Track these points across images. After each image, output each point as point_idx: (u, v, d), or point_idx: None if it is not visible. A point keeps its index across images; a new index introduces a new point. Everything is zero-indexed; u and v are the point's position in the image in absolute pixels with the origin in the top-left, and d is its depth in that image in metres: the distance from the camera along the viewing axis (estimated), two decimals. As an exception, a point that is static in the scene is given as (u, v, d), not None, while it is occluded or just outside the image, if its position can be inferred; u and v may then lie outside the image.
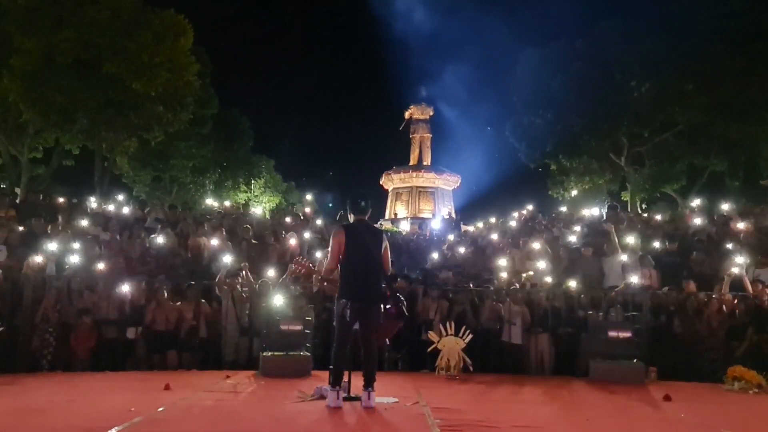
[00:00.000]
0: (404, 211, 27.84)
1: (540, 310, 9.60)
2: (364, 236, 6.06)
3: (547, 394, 7.45)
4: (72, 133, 21.70)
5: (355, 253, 5.99)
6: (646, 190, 26.96)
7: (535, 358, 9.44)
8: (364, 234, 6.08)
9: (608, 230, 11.46)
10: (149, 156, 27.31)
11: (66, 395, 6.35)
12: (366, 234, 6.09)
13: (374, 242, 6.06)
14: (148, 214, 14.24)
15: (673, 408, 6.56)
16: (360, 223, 6.19)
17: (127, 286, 9.20)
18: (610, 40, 24.35)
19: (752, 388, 7.66)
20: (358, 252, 5.99)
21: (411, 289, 9.89)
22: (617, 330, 8.39)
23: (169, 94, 21.58)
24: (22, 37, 19.27)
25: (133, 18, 20.53)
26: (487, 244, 14.18)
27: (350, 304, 5.91)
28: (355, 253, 5.99)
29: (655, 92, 23.88)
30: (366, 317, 5.94)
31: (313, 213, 17.13)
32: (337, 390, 5.87)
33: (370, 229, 6.23)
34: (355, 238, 6.02)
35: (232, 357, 9.25)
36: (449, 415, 5.71)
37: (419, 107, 29.46)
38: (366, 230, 6.14)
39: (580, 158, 26.33)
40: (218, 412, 5.67)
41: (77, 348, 8.69)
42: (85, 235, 11.32)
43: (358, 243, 6.01)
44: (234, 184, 32.33)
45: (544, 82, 26.06)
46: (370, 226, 6.27)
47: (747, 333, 8.94)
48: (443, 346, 8.49)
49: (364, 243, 6.02)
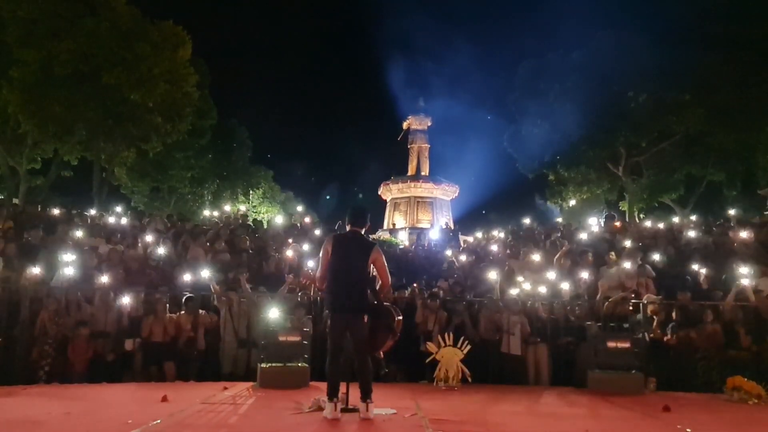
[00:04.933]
0: (402, 221, 27.83)
1: (538, 321, 9.59)
2: (350, 247, 6.10)
3: (545, 404, 7.43)
4: (70, 144, 21.78)
5: (339, 264, 6.04)
6: (643, 199, 27.06)
7: (534, 369, 9.42)
8: (351, 245, 6.12)
9: (609, 239, 11.48)
10: (148, 167, 27.34)
11: (63, 407, 6.31)
12: (353, 245, 6.12)
13: (360, 254, 6.06)
14: (147, 225, 14.22)
15: (672, 418, 6.53)
16: (351, 234, 6.22)
17: (127, 298, 9.19)
18: (607, 50, 24.49)
19: (751, 399, 7.63)
20: (341, 262, 6.04)
21: (409, 300, 9.88)
22: (616, 340, 8.38)
23: (167, 105, 21.67)
24: (21, 48, 19.37)
25: (132, 29, 20.64)
26: (486, 254, 14.18)
27: (332, 315, 6.03)
28: (339, 264, 6.04)
29: (652, 102, 24.02)
30: (351, 328, 5.97)
31: (312, 224, 17.12)
32: (335, 401, 5.85)
33: (360, 240, 6.20)
34: (340, 248, 6.07)
35: (230, 368, 9.22)
36: (448, 426, 5.69)
37: (417, 117, 29.52)
38: (354, 241, 6.16)
39: (578, 168, 26.43)
40: (216, 425, 5.65)
41: (74, 360, 8.65)
42: (83, 247, 11.30)
43: (342, 253, 6.05)
44: (232, 195, 32.36)
45: (542, 92, 26.19)
46: (361, 238, 6.23)
47: (746, 343, 8.91)
48: (442, 357, 8.48)
49: (349, 254, 6.05)
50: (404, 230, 26.30)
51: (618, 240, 13.02)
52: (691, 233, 13.73)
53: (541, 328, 9.52)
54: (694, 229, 14.18)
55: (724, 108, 22.64)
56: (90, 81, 20.15)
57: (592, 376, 8.37)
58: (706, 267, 11.02)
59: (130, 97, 20.42)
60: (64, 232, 12.03)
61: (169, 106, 21.76)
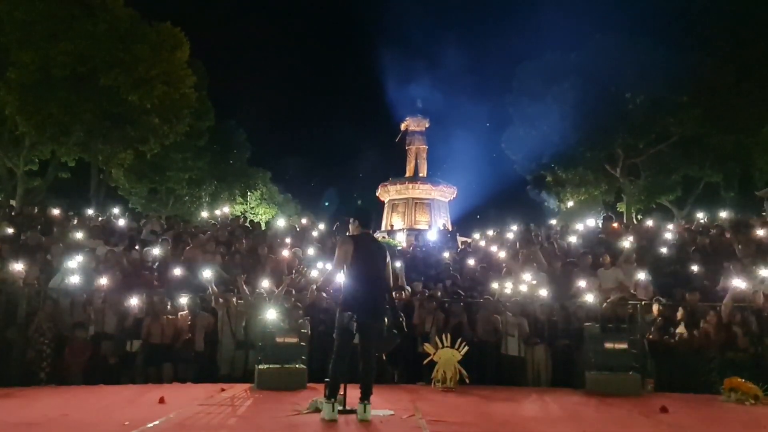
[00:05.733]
0: (400, 222, 27.80)
1: (537, 322, 9.59)
2: (372, 249, 6.07)
3: (544, 405, 7.44)
4: (68, 146, 21.75)
5: (363, 266, 5.95)
6: (641, 201, 27.09)
7: (532, 370, 9.42)
8: (372, 247, 6.10)
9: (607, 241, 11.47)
10: (145, 168, 27.31)
11: (60, 409, 6.30)
12: (373, 247, 6.12)
13: (380, 256, 6.07)
14: (143, 226, 14.20)
15: (669, 419, 6.54)
16: (366, 236, 6.22)
17: (134, 300, 9.20)
18: (604, 52, 24.49)
19: (748, 400, 7.63)
20: (365, 265, 5.96)
21: (407, 302, 9.88)
22: (613, 341, 8.39)
23: (165, 107, 21.64)
24: (19, 49, 19.34)
25: (130, 31, 20.64)
26: (484, 255, 14.17)
27: (355, 317, 5.85)
28: (363, 266, 5.95)
29: (649, 104, 24.04)
30: (369, 331, 5.91)
31: (310, 224, 17.09)
32: (333, 402, 5.83)
33: (376, 242, 6.28)
34: (363, 251, 5.99)
35: (227, 370, 9.20)
36: (445, 427, 5.69)
37: (415, 119, 29.48)
38: (373, 243, 6.18)
39: (576, 170, 26.45)
40: (213, 426, 5.64)
41: (71, 361, 8.64)
42: (81, 248, 11.28)
43: (366, 256, 5.98)
44: (230, 196, 32.32)
45: (540, 94, 26.21)
46: (376, 239, 6.29)
47: (744, 344, 8.91)
48: (439, 359, 8.47)
49: (372, 256, 6.01)
50: (402, 231, 26.27)
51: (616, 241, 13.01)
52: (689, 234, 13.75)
53: (540, 329, 9.52)
54: (692, 230, 14.19)
55: (722, 109, 22.67)
56: (87, 82, 20.13)
57: (590, 377, 8.38)
58: (703, 267, 11.03)
59: (128, 99, 20.40)
60: (61, 234, 12.01)
61: (166, 108, 21.74)
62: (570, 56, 26.35)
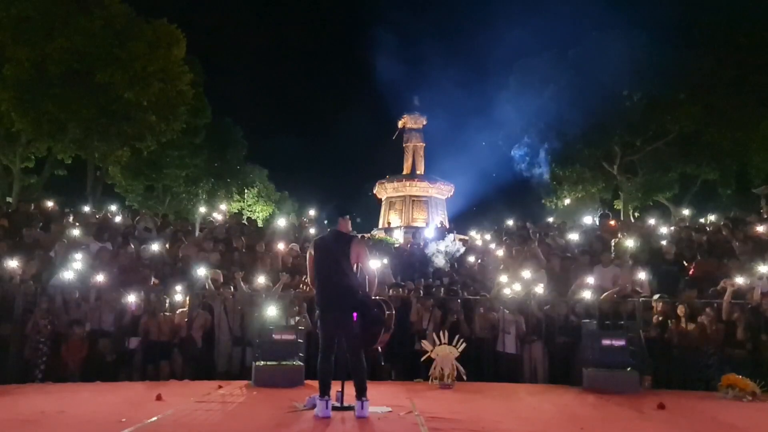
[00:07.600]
0: (398, 220, 27.77)
1: (534, 319, 9.58)
2: (330, 247, 6.19)
3: (541, 403, 7.43)
4: (64, 143, 21.65)
5: (322, 264, 6.16)
6: (638, 198, 27.12)
7: (530, 367, 9.42)
8: (330, 243, 6.23)
9: (604, 238, 11.47)
10: (142, 165, 27.22)
11: (57, 406, 6.29)
12: (333, 244, 6.20)
13: (341, 250, 6.11)
14: (137, 223, 14.15)
15: (667, 416, 6.54)
16: (331, 234, 6.35)
17: (132, 297, 9.18)
18: (602, 49, 24.47)
19: (746, 396, 7.65)
20: (323, 262, 6.15)
21: (404, 299, 9.87)
22: (611, 338, 8.38)
23: (161, 104, 21.55)
24: (14, 46, 19.20)
25: (126, 27, 20.53)
26: (481, 252, 14.17)
27: (322, 314, 6.11)
28: (322, 264, 6.16)
29: (647, 101, 24.05)
30: (341, 326, 6.02)
31: (307, 222, 17.06)
32: (326, 399, 5.85)
33: (339, 237, 6.27)
34: (321, 250, 6.21)
35: (224, 367, 9.19)
36: (443, 424, 5.69)
37: (412, 116, 29.43)
38: (334, 239, 6.26)
39: (573, 167, 26.46)
40: (210, 423, 5.64)
41: (68, 359, 8.62)
42: (78, 245, 11.24)
43: (323, 254, 6.18)
44: (227, 194, 32.26)
45: (537, 91, 26.20)
46: (341, 235, 6.29)
47: (743, 341, 8.91)
48: (437, 356, 8.46)
49: (329, 252, 6.15)
50: (399, 229, 26.24)
51: (613, 239, 13.02)
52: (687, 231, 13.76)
53: (537, 326, 9.51)
54: (690, 227, 14.21)
55: (719, 107, 22.69)
56: (84, 79, 20.01)
57: (588, 374, 8.37)
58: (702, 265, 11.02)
59: (124, 96, 20.29)
60: (58, 231, 11.97)
61: (163, 105, 21.64)
62: (567, 53, 26.33)
